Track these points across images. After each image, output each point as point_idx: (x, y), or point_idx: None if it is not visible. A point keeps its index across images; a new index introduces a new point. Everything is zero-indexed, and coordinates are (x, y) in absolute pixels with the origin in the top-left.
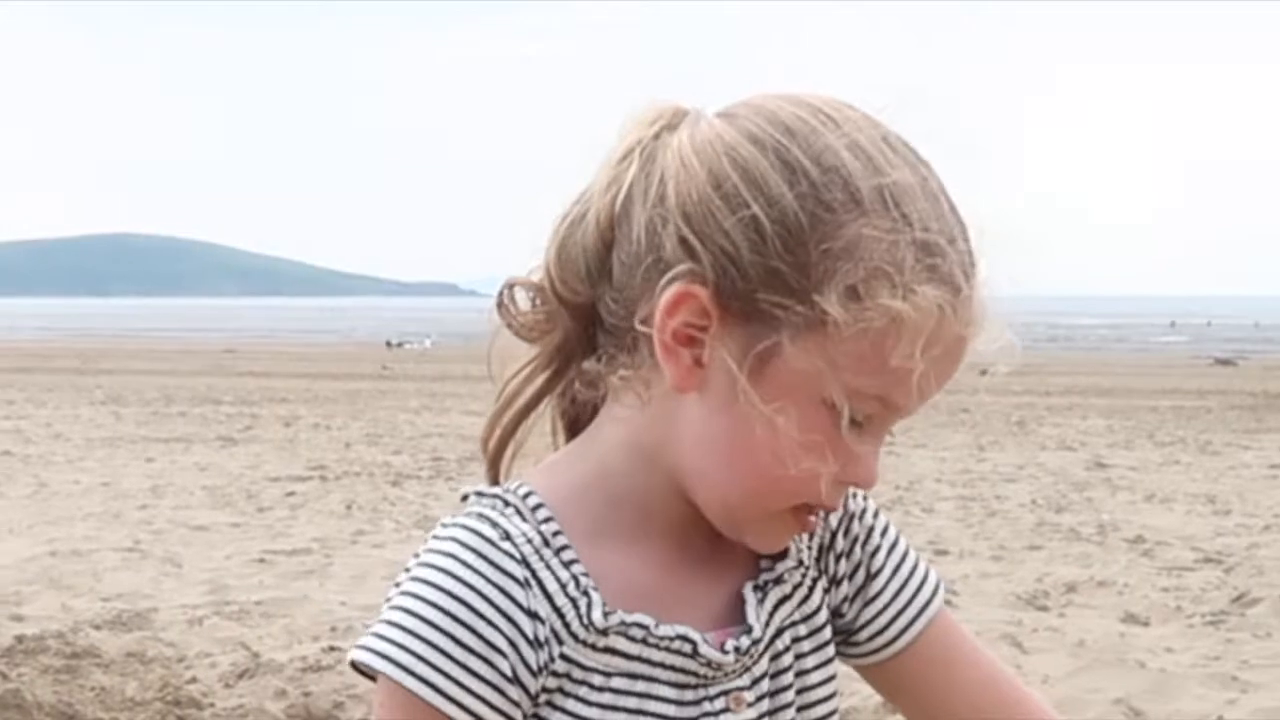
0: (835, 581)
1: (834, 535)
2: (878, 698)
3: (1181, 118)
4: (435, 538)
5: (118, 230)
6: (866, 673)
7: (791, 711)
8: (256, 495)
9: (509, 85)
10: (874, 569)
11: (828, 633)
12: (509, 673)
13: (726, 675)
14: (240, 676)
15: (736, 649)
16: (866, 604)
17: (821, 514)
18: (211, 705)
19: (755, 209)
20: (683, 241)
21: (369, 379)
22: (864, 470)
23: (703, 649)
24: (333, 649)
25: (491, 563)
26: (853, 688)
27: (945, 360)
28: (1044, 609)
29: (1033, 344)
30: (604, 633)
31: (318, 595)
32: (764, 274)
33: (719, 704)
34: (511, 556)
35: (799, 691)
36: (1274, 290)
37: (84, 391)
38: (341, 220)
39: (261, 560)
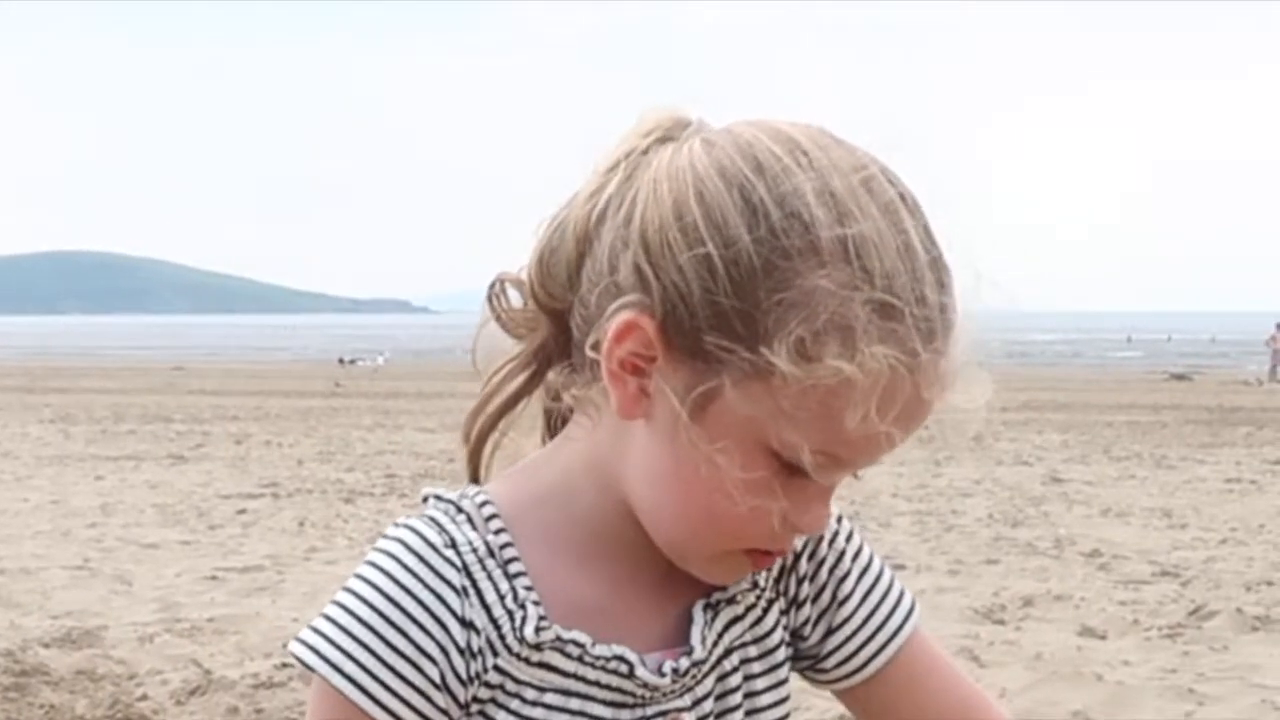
0: (796, 604)
1: (797, 557)
2: (833, 713)
3: (1146, 130)
4: (383, 537)
5: (66, 248)
6: (839, 695)
7: None
8: (208, 513)
9: (466, 100)
10: (842, 595)
11: (781, 654)
12: (437, 679)
13: (665, 696)
14: (192, 694)
15: (675, 670)
16: (831, 631)
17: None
18: None
19: (710, 248)
20: (637, 269)
21: (321, 396)
22: (811, 517)
23: (639, 671)
24: (285, 666)
25: (431, 568)
26: (808, 702)
27: (903, 421)
28: (1001, 623)
29: (987, 359)
30: (537, 648)
31: (270, 612)
32: (712, 315)
33: None
34: (452, 564)
35: (749, 714)
36: (1231, 306)
37: (32, 410)
38: (292, 237)
39: (213, 577)
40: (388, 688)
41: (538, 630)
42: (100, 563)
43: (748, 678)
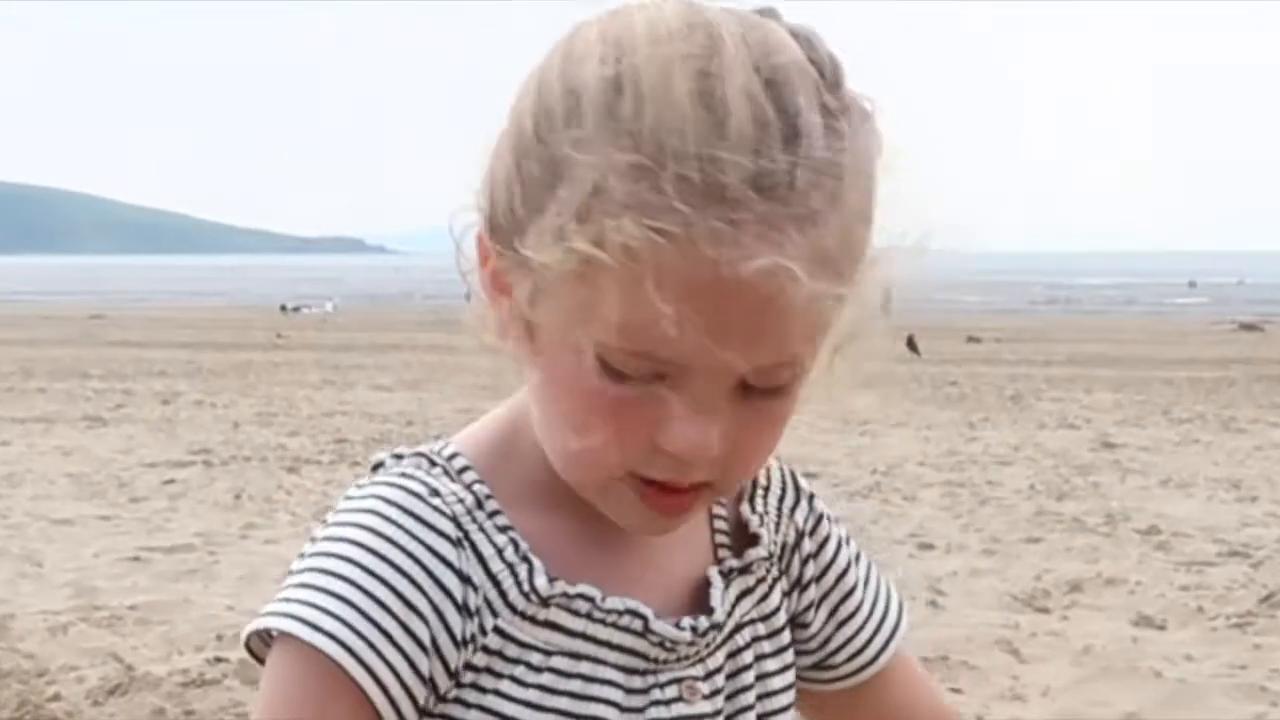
0: (800, 586)
1: (800, 535)
2: None
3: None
4: (348, 498)
5: None
6: (823, 703)
7: (753, 716)
8: (130, 484)
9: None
10: (848, 584)
11: (786, 636)
12: (427, 640)
13: (679, 660)
14: (111, 693)
15: (694, 629)
16: (843, 622)
17: (723, 501)
18: None
19: (510, 131)
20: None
21: (261, 349)
22: (674, 436)
23: (655, 625)
24: (219, 660)
25: (418, 518)
26: None
27: (705, 304)
28: (1044, 610)
29: (1030, 307)
30: (546, 603)
31: (201, 599)
32: (506, 212)
33: (670, 692)
34: (442, 513)
35: (760, 697)
36: None
37: None
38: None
39: (136, 559)
40: (372, 646)
41: (551, 581)
42: (5, 541)
43: (759, 657)
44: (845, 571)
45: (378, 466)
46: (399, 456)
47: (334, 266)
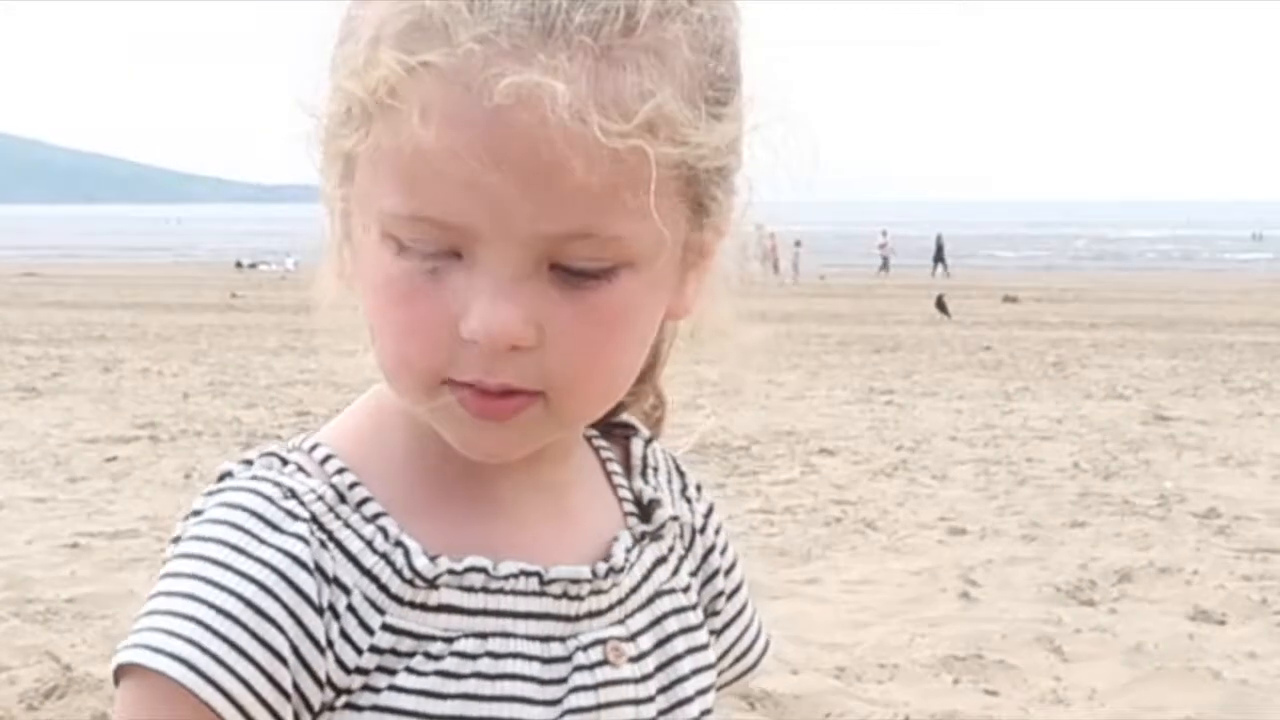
0: (709, 576)
1: (705, 522)
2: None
3: None
4: (194, 513)
5: None
6: None
7: (690, 687)
8: (67, 461)
9: None
10: (737, 579)
11: (699, 615)
12: (285, 650)
13: (593, 616)
14: (47, 695)
15: (593, 571)
16: (729, 623)
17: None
18: None
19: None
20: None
21: (213, 310)
22: (474, 319)
23: (551, 572)
24: None
25: (268, 522)
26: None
27: (483, 143)
28: (1090, 603)
29: (1074, 263)
30: (433, 584)
31: (147, 590)
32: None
33: (594, 654)
34: (295, 516)
35: (695, 671)
36: None
37: None
38: (179, 106)
39: (74, 545)
40: (219, 660)
41: (433, 560)
42: None
43: (684, 630)
44: (734, 565)
45: (225, 476)
46: (249, 462)
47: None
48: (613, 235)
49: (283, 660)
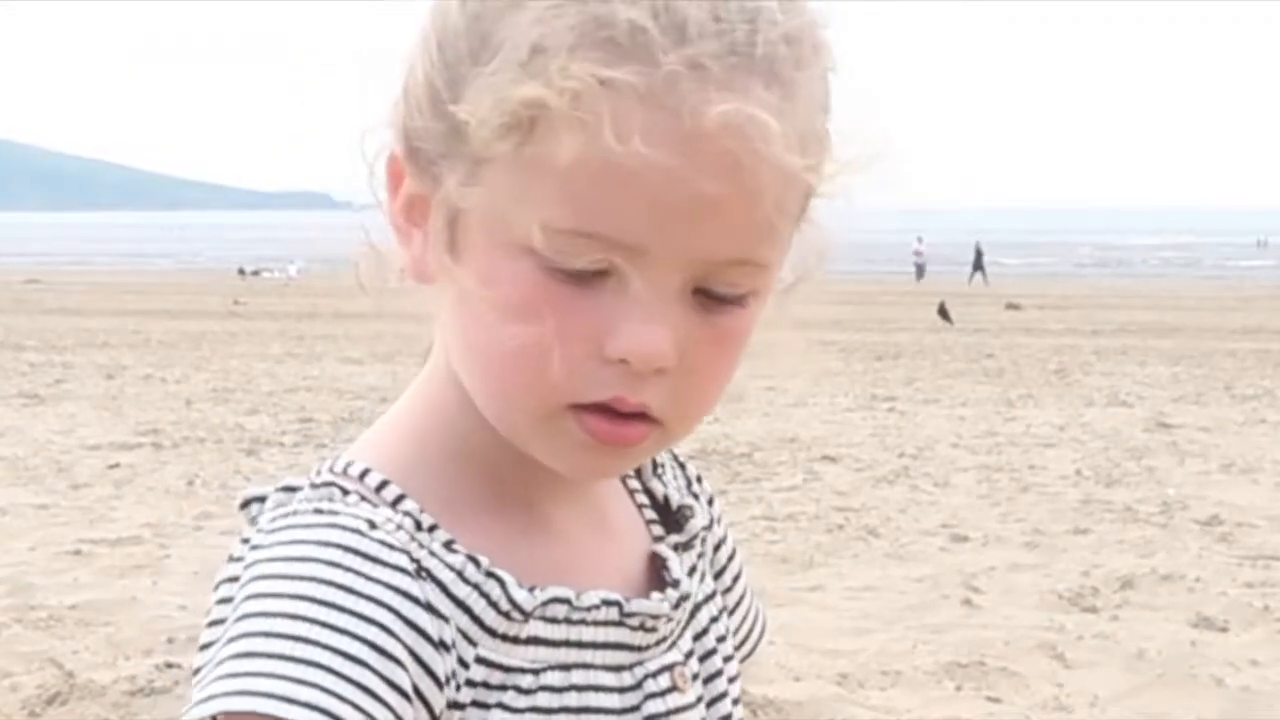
0: (718, 573)
1: (712, 519)
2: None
3: None
4: (257, 548)
5: None
6: None
7: (728, 700)
8: (69, 468)
9: None
10: (737, 568)
11: (727, 620)
12: (409, 688)
13: (658, 645)
14: (49, 702)
15: (668, 602)
16: (731, 610)
17: (656, 439)
18: None
19: (430, 29)
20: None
21: (216, 318)
22: (623, 336)
23: (631, 605)
24: (169, 666)
25: (369, 557)
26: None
27: (676, 163)
28: (1092, 610)
29: (1077, 270)
30: (528, 617)
31: (150, 597)
32: (428, 105)
33: (663, 681)
34: (391, 546)
35: (732, 680)
36: None
37: None
38: (181, 113)
39: (77, 552)
40: (358, 707)
41: (530, 592)
42: None
43: (719, 639)
44: (734, 553)
45: (249, 503)
46: (290, 489)
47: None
48: (764, 263)
49: (409, 700)
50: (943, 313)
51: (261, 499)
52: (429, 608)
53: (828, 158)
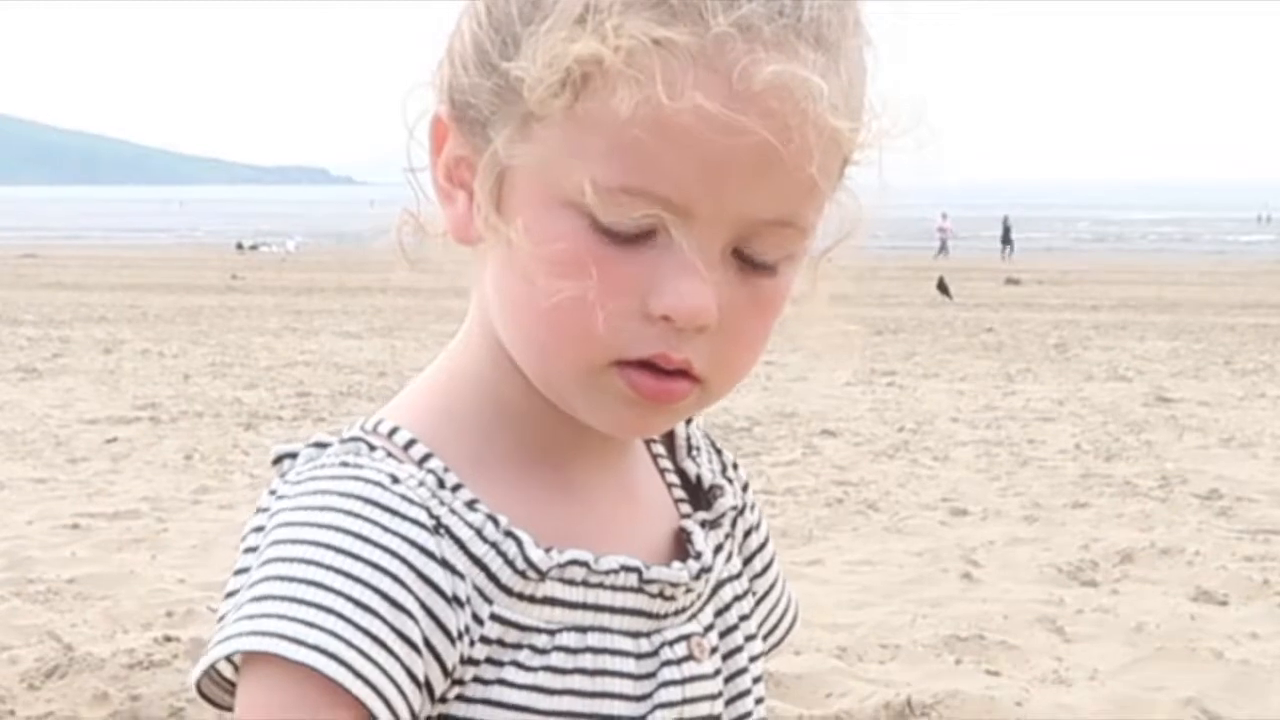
0: (748, 557)
1: (743, 503)
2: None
3: None
4: (282, 498)
5: None
6: None
7: (748, 677)
8: (68, 442)
9: None
10: (770, 555)
11: (752, 601)
12: (419, 641)
13: (678, 614)
14: (48, 675)
15: (689, 572)
16: (762, 597)
17: (690, 393)
18: (11, 713)
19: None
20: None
21: (214, 292)
22: (669, 293)
23: (651, 572)
24: (168, 639)
25: (389, 509)
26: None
27: (727, 121)
28: (1092, 584)
29: (1075, 245)
30: (544, 577)
31: (148, 571)
32: (477, 65)
33: (680, 649)
34: (411, 500)
35: (751, 659)
36: None
37: None
38: (180, 88)
39: (75, 526)
40: (366, 655)
41: (547, 552)
42: None
43: (742, 617)
44: (766, 539)
45: (281, 459)
46: (321, 445)
47: (295, 199)
48: (804, 226)
49: (418, 652)
50: (942, 288)
51: (294, 455)
52: (444, 563)
53: (867, 125)
